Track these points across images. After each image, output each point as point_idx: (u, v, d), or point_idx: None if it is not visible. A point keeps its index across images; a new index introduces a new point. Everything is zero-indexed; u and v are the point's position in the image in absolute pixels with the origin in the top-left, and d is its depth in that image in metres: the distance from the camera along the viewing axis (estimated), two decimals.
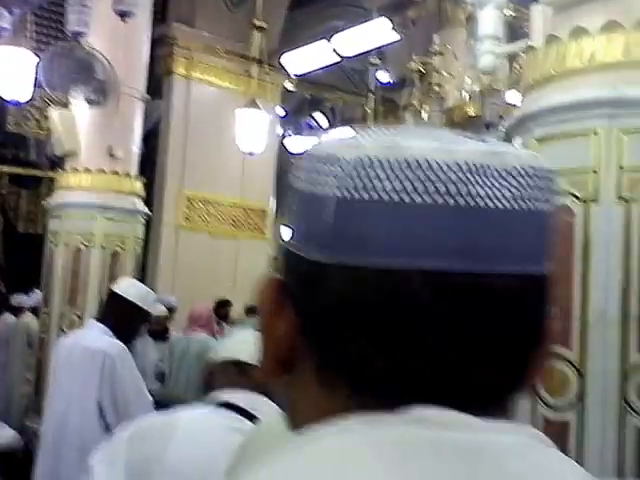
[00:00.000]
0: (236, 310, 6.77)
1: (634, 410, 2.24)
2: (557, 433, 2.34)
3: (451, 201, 0.45)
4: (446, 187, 0.45)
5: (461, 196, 0.45)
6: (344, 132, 0.52)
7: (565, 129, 2.45)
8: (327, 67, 8.75)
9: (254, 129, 6.74)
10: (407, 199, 0.45)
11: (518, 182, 0.47)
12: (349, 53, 7.54)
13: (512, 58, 3.81)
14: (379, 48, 7.60)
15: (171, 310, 6.02)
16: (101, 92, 5.79)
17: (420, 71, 5.84)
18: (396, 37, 7.24)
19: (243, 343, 1.56)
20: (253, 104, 6.70)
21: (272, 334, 0.51)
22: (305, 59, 8.47)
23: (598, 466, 2.25)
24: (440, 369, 0.46)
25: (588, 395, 2.30)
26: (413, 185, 0.45)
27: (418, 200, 0.45)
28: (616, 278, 2.28)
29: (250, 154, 7.07)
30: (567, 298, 2.35)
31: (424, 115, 5.59)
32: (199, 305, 5.62)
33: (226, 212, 8.24)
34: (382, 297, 0.45)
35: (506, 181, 0.46)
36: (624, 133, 2.31)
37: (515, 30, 4.12)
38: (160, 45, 7.80)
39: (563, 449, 2.32)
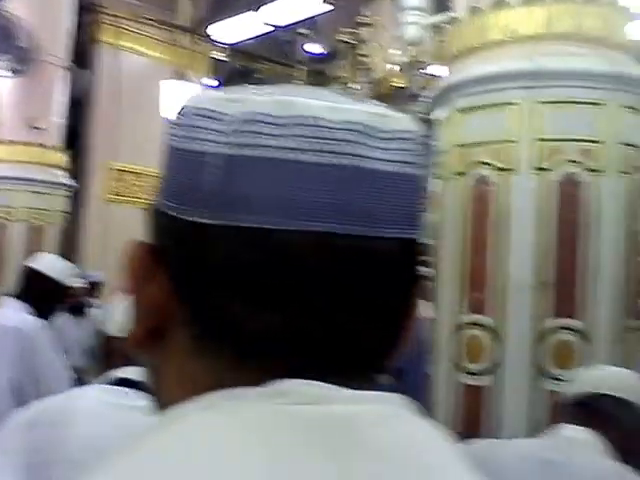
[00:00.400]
0: None
1: (545, 373, 2.31)
2: (475, 398, 2.41)
3: (337, 161, 0.43)
4: (333, 147, 0.44)
5: (348, 156, 0.44)
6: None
7: (486, 100, 2.47)
8: (258, 37, 8.62)
9: (181, 100, 6.58)
10: (294, 157, 0.43)
11: (400, 146, 0.45)
12: (280, 23, 7.45)
13: (438, 30, 3.83)
14: (311, 19, 7.54)
15: (96, 285, 5.88)
16: (22, 60, 5.57)
17: (348, 42, 5.82)
18: (327, 8, 7.18)
19: None
20: (180, 74, 6.55)
21: (142, 301, 0.49)
22: (235, 29, 8.33)
23: (513, 429, 2.32)
24: (327, 333, 0.44)
25: (505, 360, 2.36)
26: (301, 143, 0.43)
27: (304, 159, 0.43)
28: (532, 246, 2.33)
29: None
30: (484, 266, 2.40)
31: (353, 86, 5.59)
32: None
33: (156, 185, 8.06)
34: (265, 258, 0.44)
35: (390, 144, 0.45)
36: (542, 104, 2.35)
37: (441, 2, 4.13)
38: (86, 12, 7.53)
39: (480, 413, 2.39)
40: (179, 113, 0.50)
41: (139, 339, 0.49)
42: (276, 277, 0.44)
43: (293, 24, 7.55)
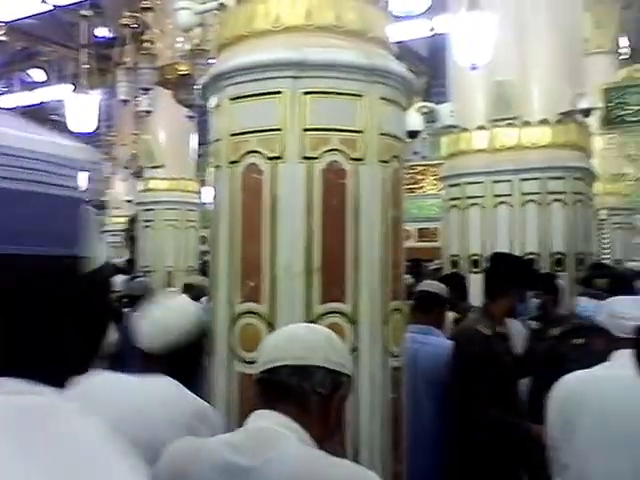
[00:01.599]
0: None
1: None
2: (251, 386, 2.39)
3: None
4: None
5: None
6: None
7: (254, 89, 2.45)
8: (39, 17, 8.02)
9: None
10: None
11: (45, 168, 0.47)
12: (59, 2, 6.97)
13: (213, 17, 3.77)
14: (94, 0, 7.15)
15: None
16: None
17: (131, 26, 5.59)
18: None
19: None
20: None
21: None
22: (11, 5, 7.68)
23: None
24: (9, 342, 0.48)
25: None
26: None
27: None
28: (300, 233, 2.36)
29: None
30: (257, 255, 2.39)
31: (137, 72, 5.38)
32: None
33: None
34: None
35: (35, 166, 0.47)
36: (306, 94, 2.37)
37: None
38: None
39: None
40: None
41: None
42: None
43: (74, 4, 7.10)
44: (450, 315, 3.90)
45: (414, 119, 5.73)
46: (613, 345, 2.12)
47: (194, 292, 4.81)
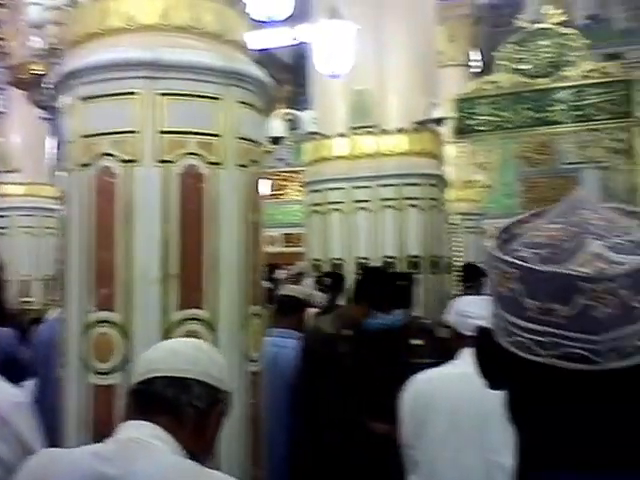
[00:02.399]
0: None
1: None
2: (106, 398, 2.27)
3: None
4: None
5: None
6: None
7: (107, 89, 2.34)
8: None
9: None
10: None
11: None
12: None
13: (66, 12, 3.58)
14: None
15: None
16: None
17: None
18: None
19: None
20: None
21: None
22: None
23: None
24: None
25: (134, 357, 2.26)
26: None
27: None
28: (157, 238, 2.27)
29: None
30: (110, 261, 2.28)
31: None
32: None
33: None
34: None
35: None
36: (162, 96, 2.29)
37: None
38: None
39: (111, 414, 2.26)
40: None
41: None
42: None
43: None
44: (311, 311, 3.91)
45: (277, 125, 5.75)
46: (460, 343, 2.19)
47: None
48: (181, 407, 1.37)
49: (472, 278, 6.41)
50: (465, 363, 2.16)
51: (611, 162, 6.43)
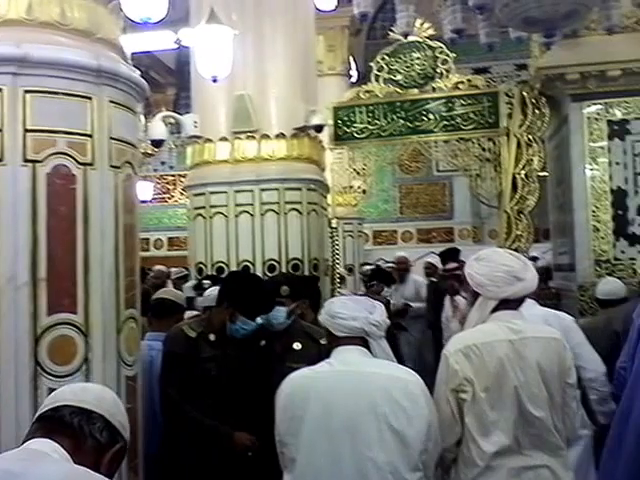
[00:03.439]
0: None
1: (45, 371, 2.17)
2: None
3: None
4: None
5: None
6: None
7: None
8: None
9: None
10: None
11: None
12: None
13: None
14: None
15: None
16: None
17: None
18: None
19: None
20: None
21: None
22: None
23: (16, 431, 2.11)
24: None
25: (1, 362, 2.13)
26: None
27: None
28: (25, 240, 2.15)
29: None
30: None
31: None
32: None
33: None
34: None
35: None
36: (29, 93, 2.17)
37: None
38: None
39: None
40: None
41: None
42: None
43: None
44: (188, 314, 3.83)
45: (159, 128, 5.59)
46: (334, 343, 2.22)
47: None
48: (83, 436, 1.44)
49: (378, 279, 6.64)
50: (339, 362, 2.18)
51: (480, 170, 6.71)
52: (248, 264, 5.16)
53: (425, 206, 13.56)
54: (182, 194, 13.09)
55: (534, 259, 5.27)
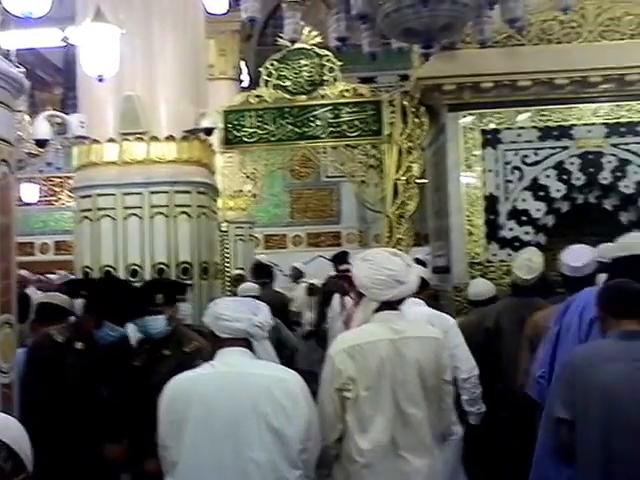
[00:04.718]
0: None
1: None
2: None
3: None
4: None
5: None
6: None
7: None
8: None
9: None
10: None
11: None
12: None
13: None
14: None
15: None
16: None
17: None
18: None
19: None
20: None
21: None
22: None
23: None
24: None
25: None
26: None
27: None
28: None
29: None
30: None
31: None
32: None
33: None
34: None
35: None
36: None
37: None
38: None
39: None
40: None
41: None
42: None
43: None
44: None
45: (43, 128, 5.31)
46: (218, 344, 2.17)
47: None
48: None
49: (262, 275, 6.71)
50: (222, 363, 2.14)
51: (365, 176, 6.84)
52: (137, 267, 5.00)
53: (314, 211, 13.70)
54: (69, 196, 12.55)
55: (421, 262, 5.41)
